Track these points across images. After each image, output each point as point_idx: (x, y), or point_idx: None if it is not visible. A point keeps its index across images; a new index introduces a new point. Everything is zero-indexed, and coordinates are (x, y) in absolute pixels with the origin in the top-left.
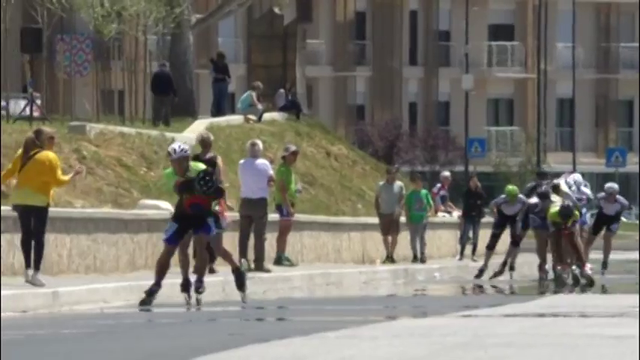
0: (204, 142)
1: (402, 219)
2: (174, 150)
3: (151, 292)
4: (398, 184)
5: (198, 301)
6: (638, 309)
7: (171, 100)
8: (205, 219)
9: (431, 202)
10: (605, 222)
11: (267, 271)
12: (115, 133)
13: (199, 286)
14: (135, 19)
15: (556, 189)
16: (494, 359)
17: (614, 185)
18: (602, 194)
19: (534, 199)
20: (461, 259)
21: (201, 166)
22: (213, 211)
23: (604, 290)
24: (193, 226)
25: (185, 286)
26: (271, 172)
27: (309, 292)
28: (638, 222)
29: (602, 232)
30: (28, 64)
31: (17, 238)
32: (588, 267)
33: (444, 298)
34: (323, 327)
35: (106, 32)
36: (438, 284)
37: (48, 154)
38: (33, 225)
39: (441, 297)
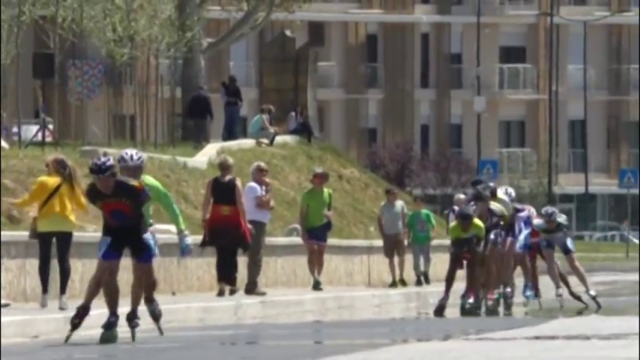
0: (223, 165)
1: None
2: (131, 157)
3: (110, 325)
4: (399, 203)
5: (132, 336)
6: (638, 330)
7: (208, 122)
8: (142, 241)
9: (434, 222)
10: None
11: (262, 294)
12: None
13: (134, 318)
14: (147, 43)
15: (493, 194)
16: None
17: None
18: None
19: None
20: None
21: (152, 180)
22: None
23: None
24: (131, 249)
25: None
26: (258, 194)
27: (321, 315)
28: (638, 242)
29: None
30: (40, 89)
31: (29, 263)
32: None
33: (457, 320)
34: (333, 351)
35: (118, 57)
36: (450, 307)
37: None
38: (60, 250)
39: (453, 319)
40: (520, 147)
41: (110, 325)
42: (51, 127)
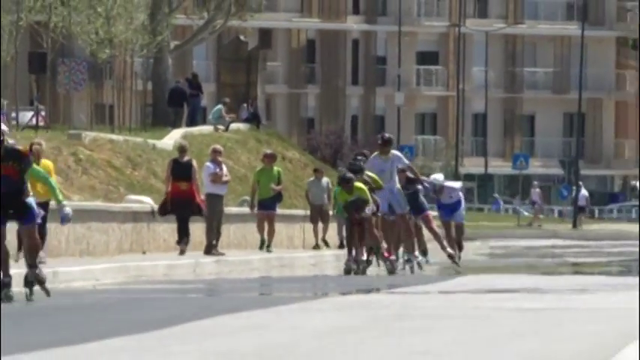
0: (181, 148)
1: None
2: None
3: (4, 286)
4: (325, 179)
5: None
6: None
7: (184, 110)
8: (26, 205)
9: None
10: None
11: (221, 254)
12: (106, 140)
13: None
14: (123, 45)
15: (388, 143)
16: (418, 329)
17: (438, 177)
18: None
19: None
20: None
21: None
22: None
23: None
24: (15, 213)
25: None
26: (212, 171)
27: (267, 272)
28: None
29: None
30: (35, 82)
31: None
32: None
33: (379, 277)
34: (278, 301)
35: (100, 56)
36: (374, 266)
37: (45, 162)
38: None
39: (376, 276)
40: (433, 135)
41: (4, 286)
42: (43, 113)
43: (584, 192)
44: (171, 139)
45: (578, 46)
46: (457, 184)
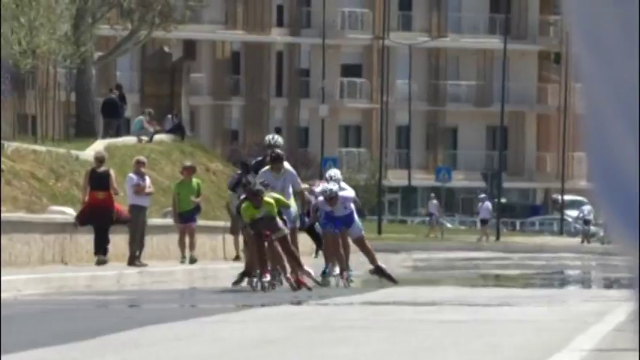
0: (98, 158)
1: None
2: None
3: None
4: None
5: None
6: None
7: (117, 121)
8: None
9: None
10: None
11: (144, 265)
12: (29, 150)
13: None
14: (46, 55)
15: (278, 160)
16: (341, 340)
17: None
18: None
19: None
20: (315, 257)
21: None
22: None
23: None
24: None
25: None
26: (134, 182)
27: (189, 284)
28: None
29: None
30: None
31: None
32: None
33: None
34: (200, 313)
35: (23, 66)
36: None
37: None
38: None
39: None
40: (357, 147)
41: None
42: None
43: (487, 204)
44: (94, 150)
45: (501, 59)
46: (352, 194)
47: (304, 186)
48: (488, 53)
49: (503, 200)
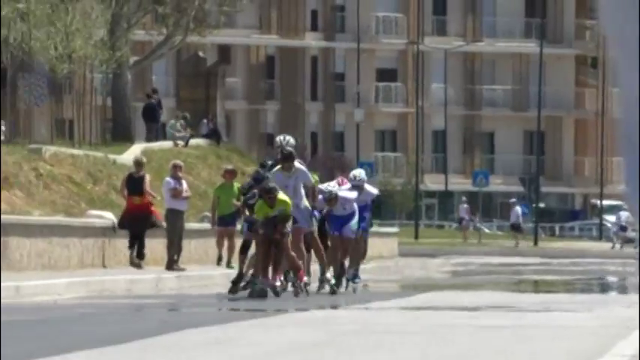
0: (138, 163)
1: None
2: None
3: None
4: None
5: None
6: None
7: (157, 125)
8: None
9: None
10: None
11: (182, 269)
12: (67, 155)
13: None
14: (83, 60)
15: (290, 158)
16: (379, 345)
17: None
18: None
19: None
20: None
21: None
22: None
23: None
24: None
25: None
26: (172, 186)
27: (227, 288)
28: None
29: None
30: None
31: None
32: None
33: (339, 294)
34: (239, 317)
35: (59, 71)
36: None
37: None
38: None
39: (341, 292)
40: (392, 152)
41: None
42: (3, 128)
43: (517, 209)
44: (131, 154)
45: (537, 63)
46: (353, 195)
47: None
48: (524, 57)
49: (541, 205)
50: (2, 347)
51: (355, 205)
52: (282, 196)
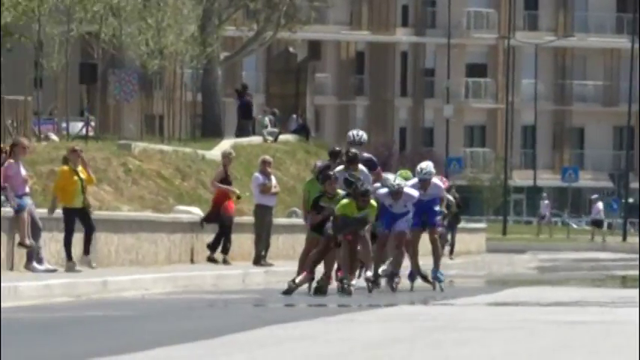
0: (225, 157)
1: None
2: None
3: None
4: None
5: None
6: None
7: (252, 121)
8: None
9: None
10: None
11: (270, 265)
12: (156, 150)
13: None
14: (173, 56)
15: (353, 159)
16: (465, 340)
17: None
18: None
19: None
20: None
21: None
22: None
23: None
24: None
25: None
26: (260, 182)
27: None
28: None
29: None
30: (85, 92)
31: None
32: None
33: (426, 289)
34: (326, 312)
35: (150, 67)
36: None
37: (82, 168)
38: (83, 221)
39: (423, 288)
40: (481, 147)
41: None
42: (93, 123)
43: (599, 205)
44: (221, 149)
45: (628, 59)
46: (416, 193)
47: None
48: (615, 52)
49: (630, 200)
50: (88, 342)
51: (410, 205)
52: (373, 201)
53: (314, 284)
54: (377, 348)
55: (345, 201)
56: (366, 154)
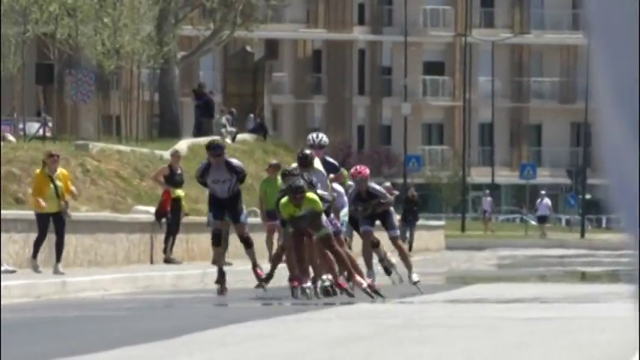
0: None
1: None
2: None
3: None
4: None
5: None
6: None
7: (212, 120)
8: None
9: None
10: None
11: (229, 264)
12: (114, 150)
13: None
14: (130, 55)
15: (304, 161)
16: (426, 338)
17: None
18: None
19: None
20: None
21: None
22: None
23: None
24: None
25: None
26: None
27: (274, 282)
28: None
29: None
30: (42, 93)
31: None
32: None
33: (385, 287)
34: (284, 311)
35: (107, 67)
36: (380, 275)
37: (62, 171)
38: (56, 226)
39: (382, 286)
40: (439, 145)
41: None
42: (50, 124)
43: (546, 201)
44: (179, 149)
45: (585, 55)
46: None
47: (387, 185)
48: (572, 49)
49: (588, 197)
50: (47, 343)
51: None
52: (310, 194)
53: (320, 283)
54: (336, 346)
55: (283, 200)
56: (328, 158)
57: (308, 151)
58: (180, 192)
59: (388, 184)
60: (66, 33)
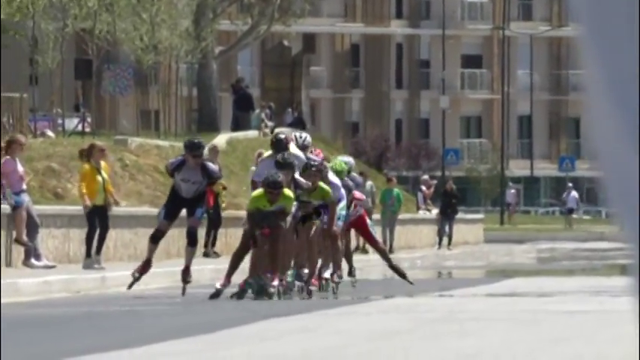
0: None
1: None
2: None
3: None
4: (369, 183)
5: None
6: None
7: (251, 114)
8: None
9: (402, 198)
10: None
11: None
12: (152, 145)
13: None
14: (168, 50)
15: (280, 145)
16: (466, 332)
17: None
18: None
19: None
20: (439, 248)
21: None
22: None
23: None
24: None
25: None
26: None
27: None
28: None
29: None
30: (81, 88)
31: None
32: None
33: (425, 280)
34: (325, 305)
35: (145, 62)
36: (420, 269)
37: (104, 164)
38: (100, 219)
39: (422, 280)
40: (478, 138)
41: None
42: (89, 119)
43: (574, 194)
44: (216, 144)
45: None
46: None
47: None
48: None
49: None
50: (90, 337)
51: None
52: (287, 191)
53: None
54: (377, 340)
55: (257, 192)
56: (315, 157)
57: (282, 136)
58: (219, 186)
59: (426, 177)
60: (104, 29)
